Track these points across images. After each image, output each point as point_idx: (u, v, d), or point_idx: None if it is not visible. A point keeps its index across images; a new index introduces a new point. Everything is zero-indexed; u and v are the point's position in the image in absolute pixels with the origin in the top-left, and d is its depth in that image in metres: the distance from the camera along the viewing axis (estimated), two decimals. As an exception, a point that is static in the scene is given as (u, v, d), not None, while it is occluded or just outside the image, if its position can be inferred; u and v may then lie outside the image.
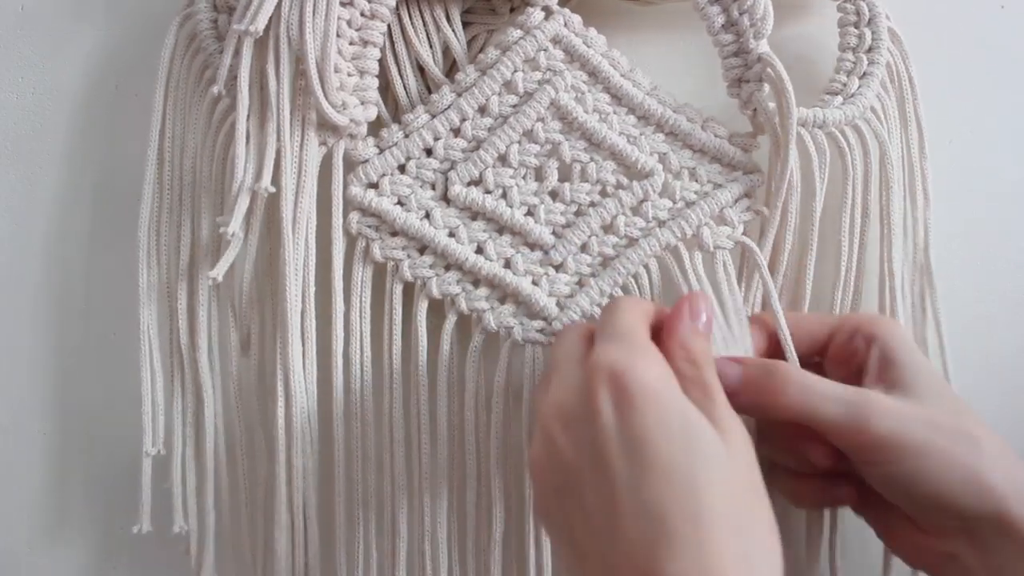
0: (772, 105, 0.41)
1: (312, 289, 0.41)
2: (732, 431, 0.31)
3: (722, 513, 0.28)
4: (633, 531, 0.28)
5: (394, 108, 0.44)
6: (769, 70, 0.40)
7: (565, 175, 0.42)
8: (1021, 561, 0.33)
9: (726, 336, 0.38)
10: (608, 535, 0.29)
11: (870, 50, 0.43)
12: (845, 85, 0.43)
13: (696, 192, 0.42)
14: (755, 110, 0.41)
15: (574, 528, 0.30)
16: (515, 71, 0.42)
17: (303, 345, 0.40)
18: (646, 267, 0.42)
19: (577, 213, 0.42)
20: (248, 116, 0.39)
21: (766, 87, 0.41)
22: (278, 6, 0.38)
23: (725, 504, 0.29)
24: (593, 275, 0.42)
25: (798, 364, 0.39)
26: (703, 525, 0.28)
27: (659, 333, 0.34)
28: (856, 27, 0.43)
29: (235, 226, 0.38)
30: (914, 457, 0.34)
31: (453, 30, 0.43)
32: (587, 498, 0.30)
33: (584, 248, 0.42)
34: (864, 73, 0.43)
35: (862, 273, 0.43)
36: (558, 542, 0.32)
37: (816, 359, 0.40)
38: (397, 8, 0.42)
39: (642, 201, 0.42)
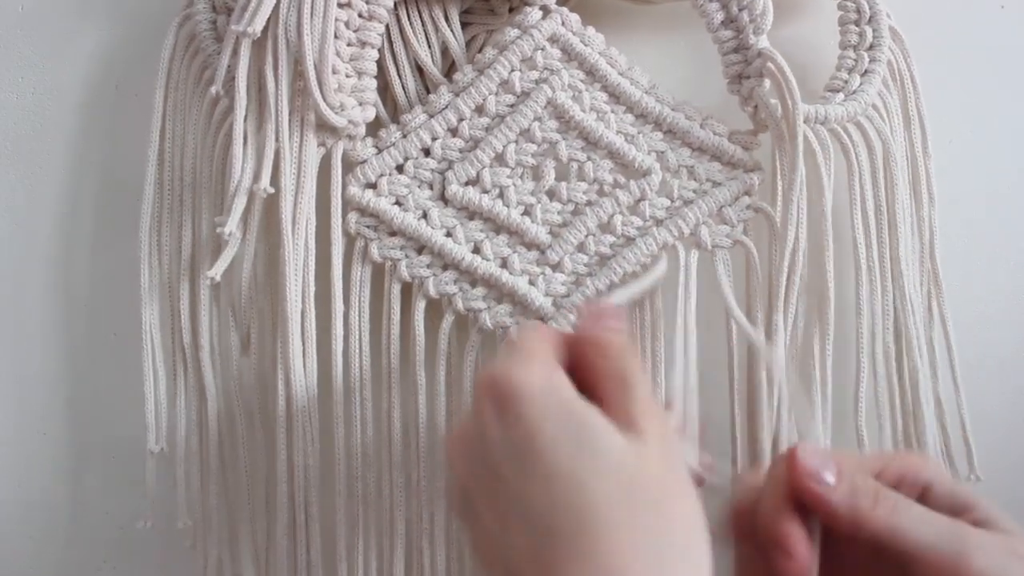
0: (774, 100, 0.40)
1: (312, 289, 0.41)
2: (647, 425, 0.28)
3: (619, 514, 0.26)
4: (524, 541, 0.27)
5: (393, 108, 0.44)
6: (770, 64, 0.40)
7: (562, 174, 0.42)
8: None
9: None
10: (504, 548, 0.28)
11: (871, 48, 0.43)
12: (846, 82, 0.42)
13: (694, 190, 0.42)
14: (756, 106, 0.41)
15: (482, 551, 0.29)
16: (512, 70, 0.42)
17: (303, 344, 0.41)
18: (643, 266, 0.42)
19: (574, 212, 0.42)
20: (246, 117, 0.39)
21: (767, 82, 0.41)
22: (276, 7, 0.38)
23: (624, 504, 0.26)
24: (590, 274, 0.42)
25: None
26: (594, 529, 0.26)
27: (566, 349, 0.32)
28: (857, 24, 0.43)
29: (232, 226, 0.38)
30: None
31: (452, 30, 0.43)
32: (484, 516, 0.29)
33: (581, 247, 0.42)
34: (865, 71, 0.42)
35: (885, 271, 0.42)
36: (481, 568, 0.31)
37: None
38: (396, 9, 0.42)
39: (639, 200, 0.42)
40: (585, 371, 0.30)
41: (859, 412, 0.42)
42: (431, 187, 0.42)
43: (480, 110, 0.42)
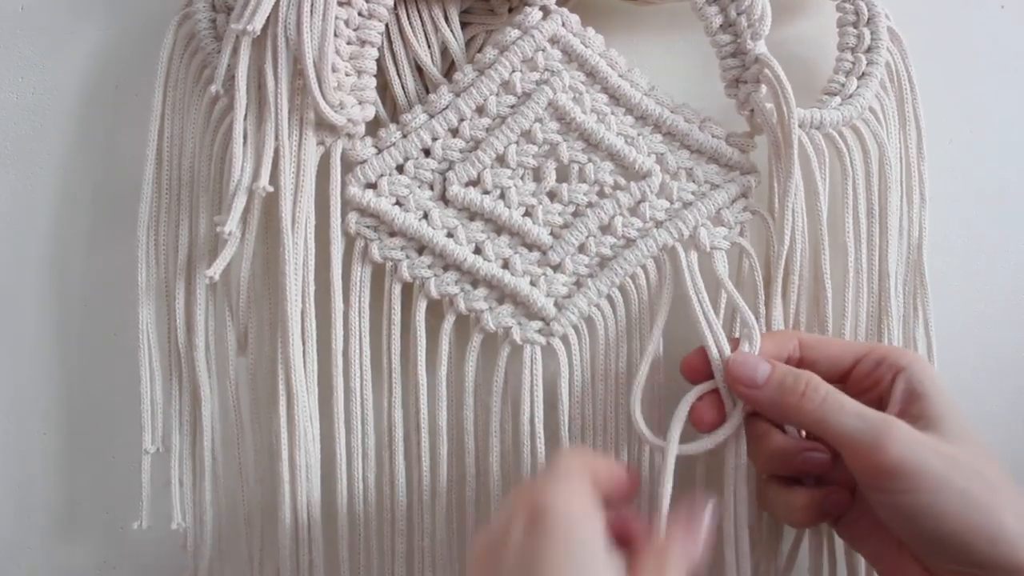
0: (769, 106, 0.41)
1: (312, 288, 0.41)
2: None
3: None
4: None
5: (392, 108, 0.44)
6: (767, 71, 0.40)
7: (563, 176, 0.42)
8: None
9: None
10: None
11: (869, 50, 0.43)
12: (843, 85, 0.42)
13: (693, 193, 0.42)
14: (752, 110, 0.41)
15: None
16: (513, 71, 0.42)
17: (303, 345, 0.41)
18: (643, 268, 0.42)
19: (575, 214, 0.42)
20: (246, 115, 0.39)
21: (763, 88, 0.41)
22: (276, 6, 0.38)
23: None
24: (591, 276, 0.42)
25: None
26: None
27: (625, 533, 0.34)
28: (855, 27, 0.43)
29: (232, 225, 0.38)
30: (930, 491, 0.33)
31: (451, 30, 0.43)
32: None
33: (582, 249, 0.42)
34: (863, 73, 0.43)
35: (873, 273, 0.43)
36: None
37: (837, 385, 0.39)
38: (395, 8, 0.42)
39: (639, 202, 0.42)
40: (634, 538, 0.33)
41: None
42: (432, 187, 0.42)
43: (481, 111, 0.42)
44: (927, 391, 0.36)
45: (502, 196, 0.42)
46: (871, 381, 0.38)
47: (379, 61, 0.42)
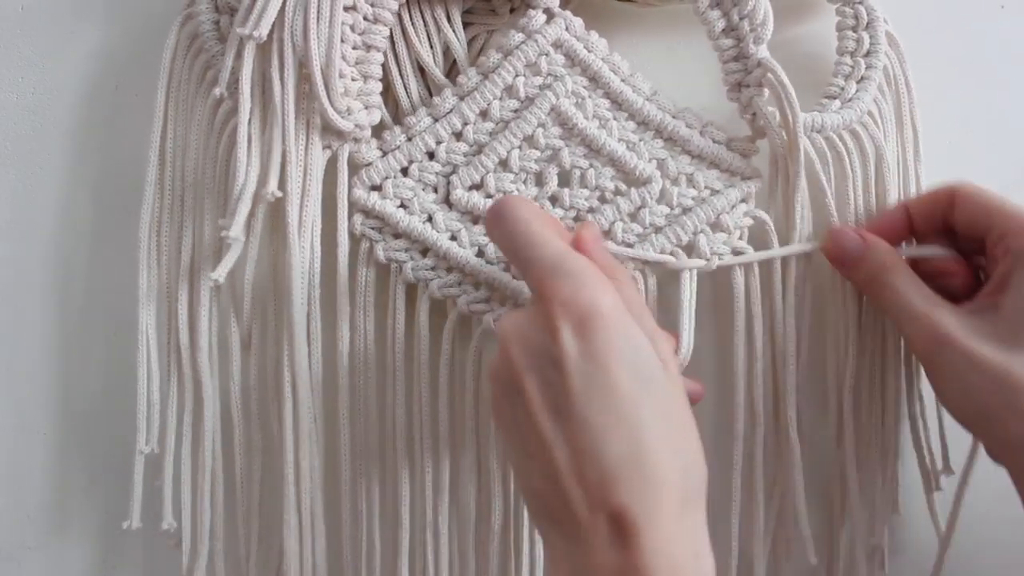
0: (772, 110, 0.41)
1: (317, 291, 0.41)
2: (669, 358, 0.33)
3: (660, 434, 0.31)
4: (578, 441, 0.31)
5: (394, 109, 0.44)
6: (769, 75, 0.40)
7: (565, 181, 0.43)
8: None
9: None
10: (552, 441, 0.31)
11: (868, 54, 0.43)
12: (843, 89, 0.43)
13: (693, 198, 0.42)
14: (754, 114, 0.42)
15: (521, 427, 0.33)
16: (516, 76, 0.42)
17: (308, 346, 0.41)
18: (642, 273, 0.42)
19: (576, 219, 0.42)
20: (250, 120, 0.39)
21: (766, 92, 0.41)
22: (281, 10, 0.38)
23: (663, 426, 0.31)
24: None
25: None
26: (642, 447, 0.31)
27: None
28: (854, 31, 0.43)
29: (236, 230, 0.38)
30: (943, 379, 0.38)
31: (454, 31, 0.43)
32: (535, 400, 0.32)
33: (583, 253, 0.42)
34: (862, 77, 0.43)
35: None
36: (507, 441, 0.34)
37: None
38: (398, 10, 0.42)
39: (640, 208, 0.42)
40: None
41: (843, 410, 0.43)
42: (436, 190, 0.43)
43: (485, 115, 0.42)
44: (1018, 281, 0.37)
45: (505, 200, 0.42)
46: (993, 255, 0.39)
47: (382, 63, 0.42)
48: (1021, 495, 0.36)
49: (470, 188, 0.42)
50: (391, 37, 0.42)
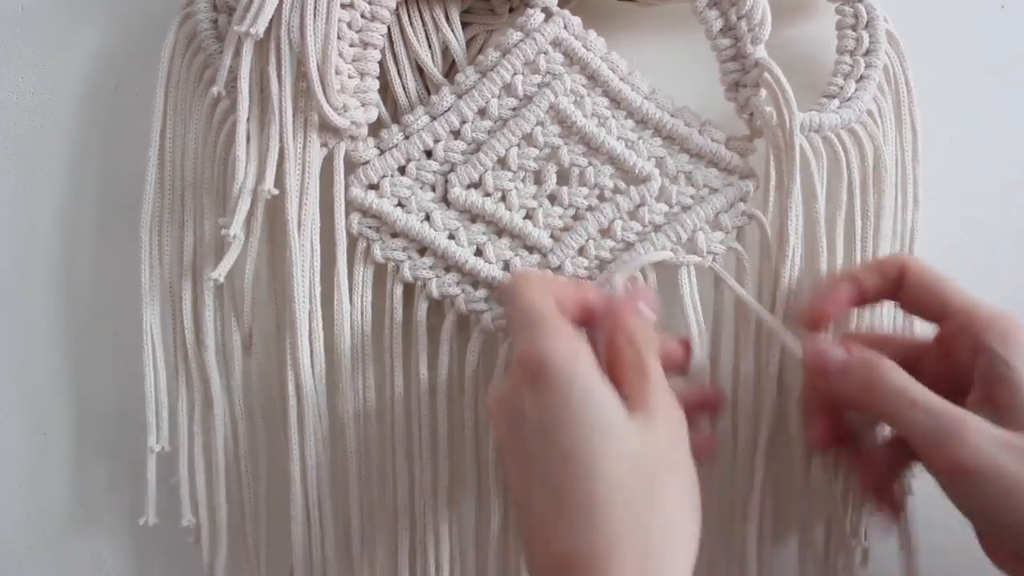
0: (769, 109, 0.41)
1: (318, 290, 0.41)
2: (659, 411, 0.31)
3: (621, 486, 0.29)
4: (539, 506, 0.30)
5: (393, 108, 0.44)
6: (767, 75, 0.40)
7: (564, 179, 0.42)
8: None
9: None
10: (525, 510, 0.31)
11: (867, 53, 0.43)
12: (842, 88, 0.43)
13: (692, 197, 0.42)
14: (752, 114, 0.42)
15: (513, 494, 0.33)
16: (515, 74, 0.42)
17: (311, 345, 0.41)
18: (642, 271, 0.42)
19: (575, 217, 0.42)
20: (248, 117, 0.39)
21: (763, 92, 0.41)
22: (279, 8, 0.38)
23: (626, 478, 0.29)
24: (590, 278, 0.42)
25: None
26: (596, 500, 0.29)
27: (589, 314, 0.35)
28: (854, 30, 0.43)
29: (236, 228, 0.38)
30: (1003, 494, 0.32)
31: (452, 30, 0.43)
32: (513, 472, 0.32)
33: (581, 252, 0.42)
34: (861, 76, 0.43)
35: None
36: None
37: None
38: (396, 9, 0.42)
39: (639, 206, 0.42)
40: (609, 345, 0.34)
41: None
42: (433, 189, 0.43)
43: (483, 113, 0.42)
44: (1009, 374, 0.33)
45: (503, 198, 0.42)
46: (953, 347, 0.36)
47: (380, 61, 0.42)
48: None
49: (468, 187, 0.42)
50: (390, 37, 0.42)
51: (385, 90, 0.43)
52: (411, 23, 0.43)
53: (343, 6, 0.39)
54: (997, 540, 0.34)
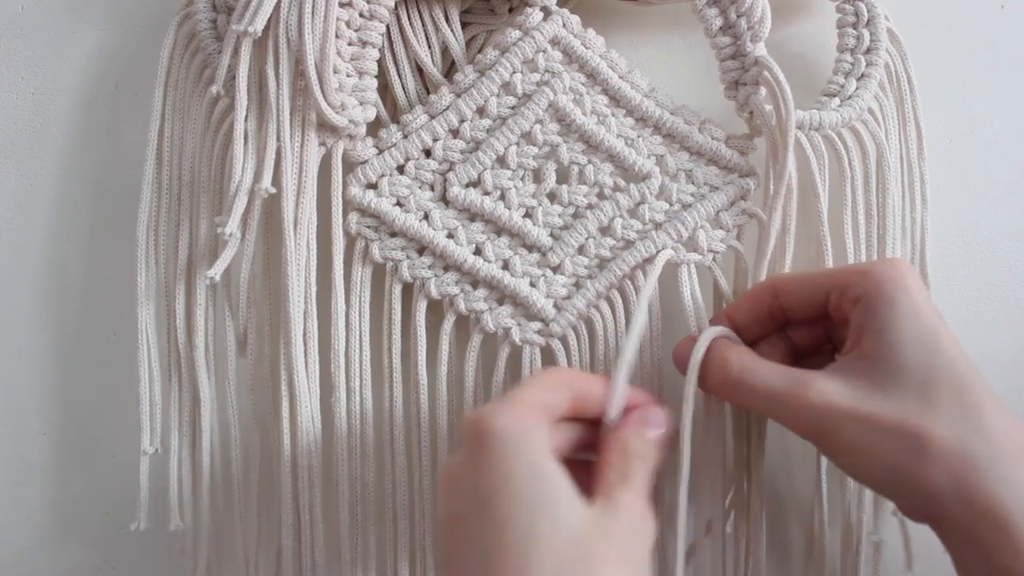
0: (769, 108, 0.41)
1: (314, 289, 0.41)
2: (624, 507, 0.30)
3: (556, 567, 0.28)
4: (465, 571, 0.29)
5: (393, 108, 0.44)
6: (766, 73, 0.40)
7: (563, 177, 0.42)
8: (984, 561, 0.31)
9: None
10: (449, 572, 0.29)
11: (868, 51, 0.43)
12: (843, 87, 0.43)
13: (692, 195, 0.42)
14: (752, 112, 0.41)
15: (442, 562, 0.31)
16: (514, 72, 0.42)
17: (305, 345, 0.41)
18: (642, 269, 0.42)
19: (575, 215, 0.42)
20: (246, 116, 0.39)
21: (763, 90, 0.41)
22: (277, 7, 0.38)
23: (563, 560, 0.28)
24: (590, 277, 0.42)
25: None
26: (528, 573, 0.27)
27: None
28: (855, 28, 0.43)
29: (233, 227, 0.38)
30: (844, 454, 0.33)
31: (452, 30, 0.43)
32: (443, 541, 0.31)
33: (581, 250, 0.42)
34: (862, 75, 0.43)
35: None
36: None
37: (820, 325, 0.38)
38: (396, 8, 0.42)
39: (639, 204, 0.42)
40: (603, 448, 0.33)
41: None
42: (432, 188, 0.42)
43: (481, 112, 0.42)
44: (875, 324, 0.34)
45: (502, 197, 0.42)
46: (841, 316, 0.36)
47: (379, 61, 0.42)
48: (952, 553, 0.32)
49: (467, 185, 0.42)
50: (389, 36, 0.43)
51: (385, 90, 0.43)
52: (411, 23, 0.43)
53: (341, 5, 0.39)
54: (902, 506, 0.35)
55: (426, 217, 0.42)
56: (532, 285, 0.42)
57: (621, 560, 0.29)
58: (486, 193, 0.42)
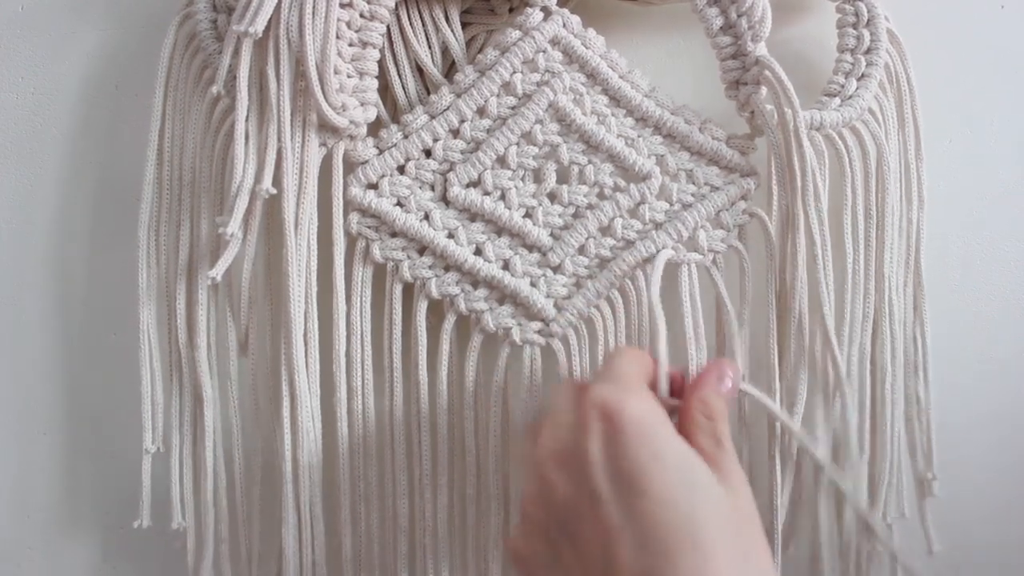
0: (770, 107, 0.41)
1: (315, 289, 0.41)
2: (735, 477, 0.32)
3: (723, 543, 0.29)
4: (633, 559, 0.29)
5: (393, 109, 0.44)
6: (767, 72, 0.40)
7: (563, 177, 0.42)
8: None
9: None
10: (605, 566, 0.29)
11: (868, 51, 0.43)
12: (843, 87, 0.43)
13: (693, 194, 0.42)
14: (753, 112, 0.41)
15: (565, 566, 0.31)
16: (514, 72, 0.42)
17: (306, 345, 0.41)
18: (642, 269, 0.42)
19: (575, 215, 0.42)
20: (247, 117, 0.39)
21: (763, 89, 0.41)
22: (277, 7, 0.38)
23: (725, 535, 0.29)
24: (590, 277, 0.42)
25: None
26: (705, 552, 0.28)
27: (678, 390, 0.35)
28: (855, 28, 0.43)
29: (234, 227, 0.38)
30: None
31: (452, 31, 0.43)
32: (582, 532, 0.30)
33: (581, 250, 0.42)
34: (862, 75, 0.43)
35: (870, 275, 0.43)
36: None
37: None
38: (396, 9, 0.42)
39: (639, 203, 0.42)
40: (682, 414, 0.34)
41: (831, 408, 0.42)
42: (433, 188, 0.42)
43: (482, 112, 0.42)
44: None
45: (502, 197, 0.42)
46: None
47: (380, 62, 0.42)
48: None
49: (467, 185, 0.42)
50: (389, 37, 0.42)
51: (385, 91, 0.43)
52: (411, 23, 0.43)
53: (342, 5, 0.39)
54: None
55: (426, 217, 0.42)
56: (532, 285, 0.42)
57: (759, 532, 0.31)
58: (486, 193, 0.42)
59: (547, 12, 0.42)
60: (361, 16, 0.41)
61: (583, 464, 0.31)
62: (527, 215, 0.42)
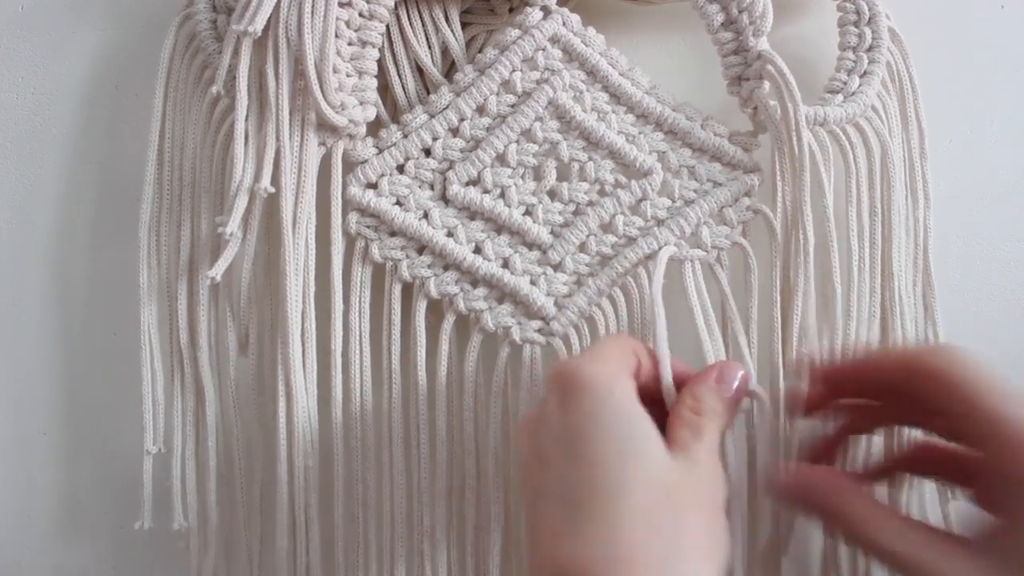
0: (773, 102, 0.41)
1: (312, 289, 0.41)
2: (702, 462, 0.31)
3: (646, 512, 0.28)
4: (551, 516, 0.29)
5: (393, 108, 0.44)
6: (769, 67, 0.40)
7: (563, 174, 0.42)
8: None
9: None
10: (531, 521, 0.30)
11: (870, 49, 0.43)
12: (845, 84, 0.42)
13: (695, 191, 0.42)
14: (755, 108, 0.41)
15: (529, 523, 0.31)
16: (513, 71, 0.42)
17: (303, 345, 0.41)
18: (644, 266, 0.42)
19: (575, 212, 0.42)
20: (247, 116, 0.39)
21: (766, 84, 0.41)
22: (276, 6, 0.38)
23: (653, 503, 0.28)
24: (591, 275, 0.42)
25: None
26: (621, 518, 0.28)
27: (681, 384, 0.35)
28: (856, 26, 0.43)
29: (233, 226, 0.38)
30: None
31: (452, 30, 0.43)
32: (527, 492, 0.31)
33: (582, 247, 0.42)
34: (864, 72, 0.42)
35: (876, 273, 0.42)
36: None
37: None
38: (396, 8, 0.42)
39: (641, 200, 0.42)
40: (674, 405, 0.33)
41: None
42: (432, 187, 0.42)
43: (481, 110, 0.42)
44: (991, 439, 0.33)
45: (502, 195, 0.42)
46: (908, 406, 0.36)
47: (380, 62, 0.42)
48: None
49: (467, 184, 0.42)
50: (389, 37, 0.43)
51: (385, 91, 0.43)
52: (411, 23, 0.43)
53: (341, 5, 0.40)
54: None
55: (426, 216, 0.42)
56: (532, 283, 0.42)
57: (703, 510, 0.30)
58: (486, 191, 0.42)
59: (547, 11, 0.42)
60: (360, 15, 0.41)
61: (537, 426, 0.31)
62: (527, 213, 0.42)
